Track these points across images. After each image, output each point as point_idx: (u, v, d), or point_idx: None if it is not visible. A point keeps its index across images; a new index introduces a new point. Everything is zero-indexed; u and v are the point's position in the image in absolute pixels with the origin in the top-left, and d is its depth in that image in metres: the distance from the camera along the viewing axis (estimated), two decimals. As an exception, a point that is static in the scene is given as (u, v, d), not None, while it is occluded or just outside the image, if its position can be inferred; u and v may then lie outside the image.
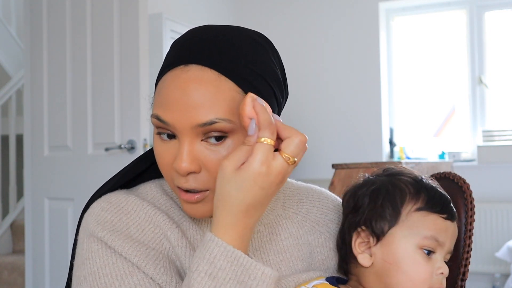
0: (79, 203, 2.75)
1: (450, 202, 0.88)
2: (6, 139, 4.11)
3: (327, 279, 0.85)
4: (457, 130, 4.28)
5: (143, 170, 0.92)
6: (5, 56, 4.35)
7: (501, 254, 3.58)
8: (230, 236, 0.70)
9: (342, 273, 0.91)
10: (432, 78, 4.34)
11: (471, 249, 1.04)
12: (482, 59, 4.19)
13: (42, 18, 2.95)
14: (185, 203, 0.79)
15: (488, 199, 3.92)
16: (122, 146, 2.61)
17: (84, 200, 0.91)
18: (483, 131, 4.09)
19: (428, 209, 0.84)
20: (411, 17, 4.42)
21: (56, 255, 2.87)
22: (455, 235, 0.87)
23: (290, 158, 0.70)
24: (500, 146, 3.99)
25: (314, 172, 4.17)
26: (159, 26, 3.39)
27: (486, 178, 3.92)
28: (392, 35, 4.43)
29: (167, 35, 3.42)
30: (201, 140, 0.76)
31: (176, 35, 3.47)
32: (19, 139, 3.86)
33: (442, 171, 1.16)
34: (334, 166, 2.30)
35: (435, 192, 0.86)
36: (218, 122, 0.74)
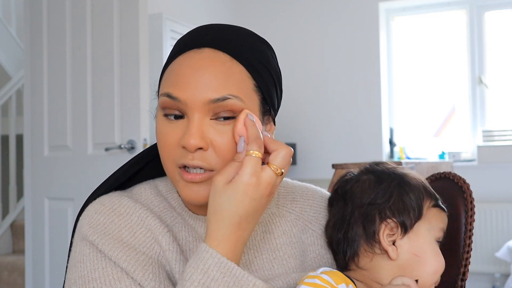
0: (79, 203, 2.75)
1: None
2: (6, 139, 4.11)
3: None
4: (457, 130, 4.28)
5: (138, 169, 0.93)
6: (5, 56, 4.35)
7: (501, 254, 3.58)
8: (224, 248, 0.72)
9: (339, 269, 0.90)
10: (432, 78, 4.34)
11: (471, 249, 1.05)
12: (482, 59, 4.19)
13: (42, 18, 2.95)
14: (185, 187, 0.80)
15: (488, 199, 3.92)
16: (122, 146, 2.61)
17: (84, 200, 0.91)
18: (483, 131, 4.09)
19: (438, 205, 0.91)
20: (411, 17, 4.42)
21: (56, 255, 2.87)
22: None
23: (278, 169, 0.73)
24: (500, 146, 3.99)
25: (314, 172, 4.17)
26: (159, 26, 3.39)
27: (486, 178, 3.92)
28: (392, 35, 4.43)
29: (167, 35, 3.42)
30: (210, 119, 0.78)
31: (176, 35, 3.47)
32: (19, 139, 3.86)
33: (442, 171, 1.16)
34: (334, 166, 2.30)
35: (435, 193, 0.92)
36: (230, 98, 0.77)
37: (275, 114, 0.88)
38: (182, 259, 0.81)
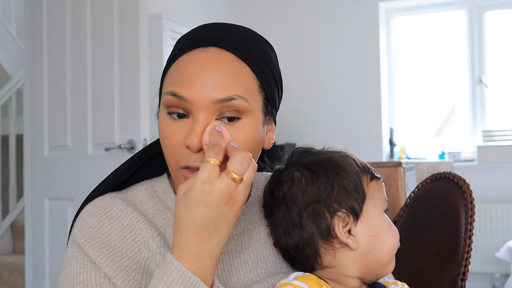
0: (79, 203, 2.73)
1: None
2: (6, 139, 4.11)
3: None
4: (457, 130, 4.28)
5: (136, 169, 0.93)
6: (5, 56, 4.34)
7: (501, 254, 3.58)
8: (186, 259, 0.69)
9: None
10: (432, 78, 4.34)
11: (471, 249, 1.05)
12: (482, 59, 4.19)
13: (42, 18, 2.95)
14: None
15: (488, 199, 3.92)
16: (122, 146, 2.61)
17: (83, 201, 0.92)
18: (483, 131, 4.09)
19: (374, 177, 0.87)
20: (411, 17, 4.42)
21: (56, 255, 2.87)
22: None
23: (235, 176, 0.69)
24: (500, 146, 3.99)
25: (314, 172, 4.16)
26: (159, 26, 3.39)
27: (486, 178, 3.92)
28: (392, 35, 4.43)
29: (167, 35, 3.42)
30: (215, 119, 0.78)
31: (176, 35, 3.47)
32: (19, 139, 3.85)
33: (442, 171, 1.16)
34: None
35: (366, 163, 0.89)
36: (236, 99, 0.77)
37: (276, 114, 0.89)
38: None
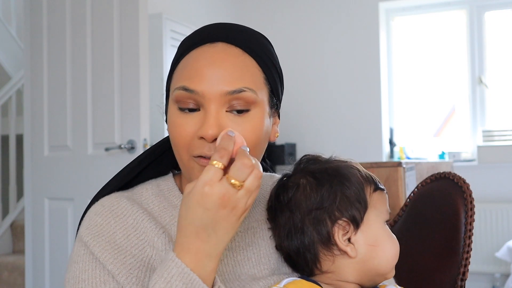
0: (79, 203, 2.75)
1: None
2: (6, 139, 4.11)
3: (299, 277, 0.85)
4: (457, 130, 4.28)
5: (141, 170, 0.94)
6: (5, 56, 4.34)
7: (501, 254, 3.58)
8: (186, 257, 0.71)
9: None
10: (432, 78, 4.34)
11: (471, 249, 1.05)
12: (482, 59, 4.19)
13: (42, 18, 2.95)
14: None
15: (488, 199, 3.92)
16: (122, 146, 2.61)
17: (84, 200, 0.93)
18: (483, 131, 4.09)
19: (378, 188, 0.89)
20: (411, 17, 4.42)
21: (56, 255, 2.86)
22: None
23: (234, 182, 0.70)
24: (500, 146, 3.99)
25: (314, 172, 4.16)
26: (159, 26, 3.39)
27: (486, 178, 3.92)
28: (392, 35, 4.43)
29: (167, 35, 3.42)
30: (225, 111, 0.80)
31: (176, 35, 3.47)
32: (19, 139, 3.85)
33: (442, 171, 1.16)
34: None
35: (371, 174, 0.91)
36: (245, 91, 0.80)
37: (280, 107, 0.91)
38: None
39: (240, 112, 0.80)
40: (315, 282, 0.82)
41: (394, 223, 1.27)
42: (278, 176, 1.00)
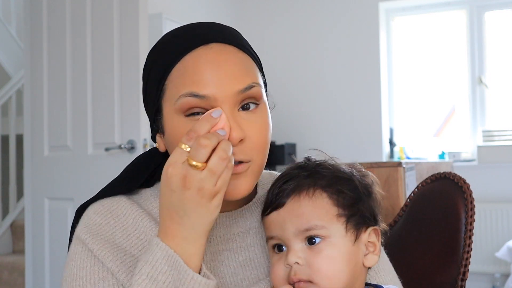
0: (79, 203, 2.72)
1: None
2: (6, 139, 4.11)
3: None
4: (457, 130, 4.28)
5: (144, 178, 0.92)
6: (5, 56, 4.34)
7: (501, 254, 3.58)
8: (169, 241, 0.72)
9: None
10: (432, 78, 4.34)
11: (471, 249, 1.04)
12: (482, 59, 4.19)
13: (42, 18, 2.95)
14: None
15: (488, 199, 3.92)
16: (122, 146, 2.61)
17: (84, 200, 0.92)
18: (483, 131, 4.09)
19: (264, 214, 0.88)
20: (411, 17, 4.42)
21: (56, 255, 2.87)
22: None
23: (193, 162, 0.69)
24: (500, 146, 3.99)
25: (314, 172, 4.16)
26: (159, 26, 3.39)
27: (486, 178, 3.92)
28: (392, 35, 4.43)
29: (167, 35, 3.42)
30: (237, 111, 0.78)
31: (176, 35, 3.46)
32: (19, 139, 3.85)
33: (442, 171, 1.16)
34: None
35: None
36: (254, 86, 0.79)
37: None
38: None
39: (246, 108, 0.79)
40: None
41: (394, 223, 1.27)
42: (276, 174, 1.00)
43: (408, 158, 4.09)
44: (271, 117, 0.85)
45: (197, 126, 0.72)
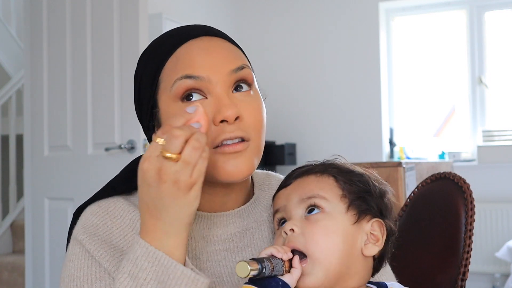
0: (79, 203, 2.72)
1: None
2: (6, 139, 4.11)
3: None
4: (457, 130, 4.28)
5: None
6: (5, 56, 4.34)
7: (501, 254, 3.58)
8: (149, 237, 0.71)
9: None
10: (432, 78, 4.34)
11: (471, 249, 1.05)
12: (482, 59, 4.19)
13: (42, 18, 2.95)
14: (226, 163, 0.79)
15: (488, 199, 3.92)
16: (122, 146, 2.61)
17: (84, 200, 0.92)
18: (483, 131, 4.09)
19: None
20: (411, 17, 4.42)
21: (56, 255, 2.87)
22: None
23: (171, 155, 0.69)
24: (500, 146, 3.99)
25: (314, 172, 4.16)
26: (159, 26, 3.39)
27: (486, 178, 3.92)
28: (392, 35, 4.43)
29: (167, 35, 3.42)
30: (232, 92, 0.81)
31: (176, 35, 3.46)
32: (19, 139, 3.85)
33: (442, 171, 1.16)
34: (334, 166, 2.29)
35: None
36: (246, 67, 0.82)
37: None
38: None
39: (242, 88, 0.82)
40: None
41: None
42: (274, 174, 1.00)
43: (408, 158, 4.09)
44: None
45: (171, 120, 0.72)
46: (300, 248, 0.78)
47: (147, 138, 0.89)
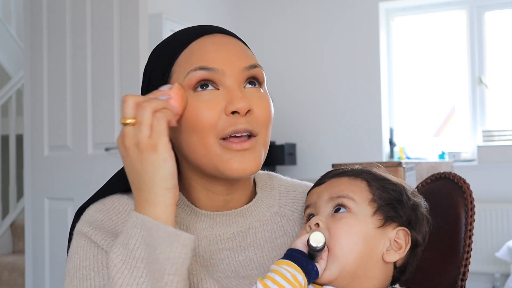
0: (79, 203, 2.72)
1: None
2: (6, 139, 4.11)
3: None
4: (457, 130, 4.28)
5: None
6: (5, 56, 4.34)
7: (501, 254, 3.58)
8: (138, 209, 0.74)
9: None
10: (432, 78, 4.34)
11: (471, 249, 1.04)
12: (482, 59, 4.19)
13: (42, 18, 2.95)
14: (233, 159, 0.79)
15: (488, 199, 3.92)
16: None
17: (84, 200, 0.92)
18: (483, 131, 4.09)
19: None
20: (411, 17, 4.42)
21: (56, 255, 2.87)
22: None
23: (129, 121, 0.73)
24: (500, 146, 3.98)
25: (314, 172, 4.16)
26: (159, 26, 3.39)
27: (486, 178, 3.92)
28: (392, 35, 4.43)
29: (167, 35, 3.41)
30: (244, 87, 0.82)
31: (176, 35, 3.46)
32: (19, 139, 3.85)
33: (442, 171, 1.16)
34: (334, 166, 2.30)
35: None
36: (258, 66, 0.83)
37: None
38: None
39: (254, 84, 0.83)
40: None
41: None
42: (275, 175, 1.01)
43: (408, 158, 4.09)
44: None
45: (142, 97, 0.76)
46: None
47: None
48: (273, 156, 3.95)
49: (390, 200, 0.84)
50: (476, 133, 4.16)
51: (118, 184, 0.90)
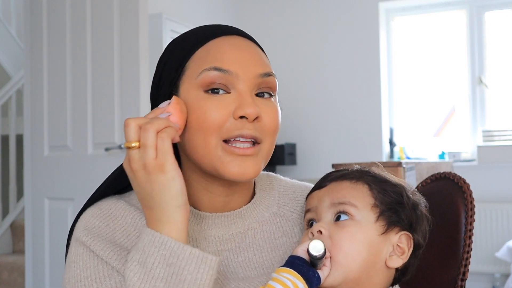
0: (79, 203, 2.74)
1: None
2: (6, 139, 4.11)
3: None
4: (457, 130, 4.28)
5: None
6: (5, 56, 4.34)
7: (501, 254, 3.58)
8: (152, 226, 0.74)
9: None
10: (432, 78, 4.34)
11: (471, 249, 1.04)
12: (482, 59, 4.19)
13: (42, 18, 2.95)
14: (232, 163, 0.79)
15: (488, 199, 3.92)
16: (122, 146, 2.61)
17: (84, 200, 0.92)
18: (483, 131, 4.09)
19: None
20: (411, 17, 4.42)
21: (56, 255, 2.87)
22: None
23: (133, 145, 0.74)
24: (500, 146, 3.98)
25: (314, 172, 4.16)
26: (159, 26, 3.39)
27: (486, 178, 3.92)
28: (392, 35, 4.43)
29: (167, 35, 3.42)
30: (254, 95, 0.81)
31: (176, 35, 3.45)
32: (19, 139, 3.85)
33: (442, 171, 1.16)
34: (334, 166, 2.30)
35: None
36: (272, 75, 0.83)
37: None
38: None
39: (263, 96, 0.83)
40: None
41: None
42: (274, 175, 1.01)
43: (408, 158, 4.09)
44: None
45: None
46: None
47: None
48: (273, 156, 3.92)
49: (392, 204, 0.84)
50: (476, 133, 4.16)
51: (113, 184, 0.90)
